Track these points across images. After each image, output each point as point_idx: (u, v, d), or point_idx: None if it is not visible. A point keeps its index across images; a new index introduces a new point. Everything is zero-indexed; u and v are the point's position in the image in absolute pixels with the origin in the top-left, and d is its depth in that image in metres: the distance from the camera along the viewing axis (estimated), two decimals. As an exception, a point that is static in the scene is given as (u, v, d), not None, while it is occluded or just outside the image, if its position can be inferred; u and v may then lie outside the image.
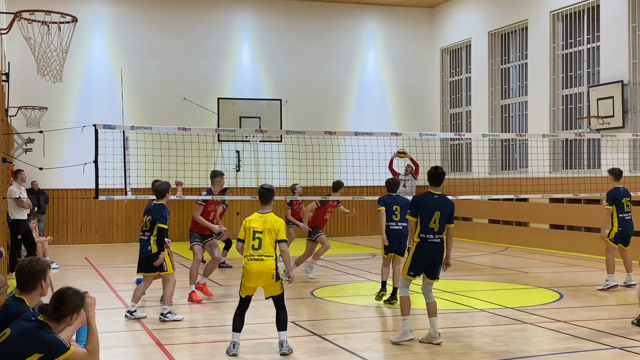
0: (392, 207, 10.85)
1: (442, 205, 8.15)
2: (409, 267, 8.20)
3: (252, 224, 7.76)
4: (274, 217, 7.80)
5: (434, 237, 8.14)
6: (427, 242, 8.13)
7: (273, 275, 7.66)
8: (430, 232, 8.12)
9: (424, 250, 8.14)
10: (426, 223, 8.11)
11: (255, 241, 7.67)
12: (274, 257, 7.69)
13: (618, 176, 12.31)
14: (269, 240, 7.69)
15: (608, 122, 16.75)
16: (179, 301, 11.05)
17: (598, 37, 17.62)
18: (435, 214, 8.09)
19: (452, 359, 7.48)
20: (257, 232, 7.70)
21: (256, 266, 7.63)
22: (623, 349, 7.82)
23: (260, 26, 22.77)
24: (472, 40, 22.09)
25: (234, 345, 7.71)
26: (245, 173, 21.57)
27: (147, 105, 21.43)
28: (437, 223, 8.12)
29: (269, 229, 7.71)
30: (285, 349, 7.66)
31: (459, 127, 23.12)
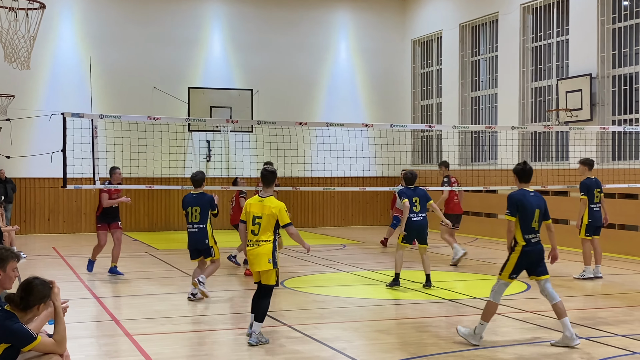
0: (412, 199, 11.24)
1: (539, 202, 7.76)
2: (511, 271, 7.70)
3: (251, 209, 7.83)
4: (274, 202, 7.83)
5: (535, 236, 7.71)
6: (531, 243, 7.67)
7: (270, 260, 7.69)
8: (532, 231, 7.68)
9: (529, 253, 7.66)
10: (528, 223, 7.65)
11: (255, 226, 7.75)
12: (271, 242, 7.74)
13: (591, 166, 12.43)
14: (268, 226, 7.73)
15: (576, 115, 16.93)
16: (142, 291, 10.98)
17: (567, 30, 17.78)
18: (535, 213, 7.68)
19: (421, 349, 7.53)
20: (256, 218, 7.77)
21: (254, 252, 7.73)
22: (589, 339, 7.93)
23: (231, 15, 22.64)
24: (443, 32, 22.18)
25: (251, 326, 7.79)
26: (215, 163, 21.47)
27: (116, 93, 21.23)
28: (537, 222, 7.71)
29: (267, 214, 7.74)
30: (252, 340, 7.65)
31: (429, 118, 23.22)
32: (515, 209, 7.63)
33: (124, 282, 12.26)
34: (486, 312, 7.69)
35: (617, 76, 16.57)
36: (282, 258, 15.23)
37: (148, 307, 9.96)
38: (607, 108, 16.66)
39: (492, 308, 7.70)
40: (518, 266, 7.69)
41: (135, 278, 12.65)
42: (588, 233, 12.26)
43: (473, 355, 7.26)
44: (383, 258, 14.54)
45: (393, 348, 7.64)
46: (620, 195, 15.60)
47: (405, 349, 7.55)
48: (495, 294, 7.74)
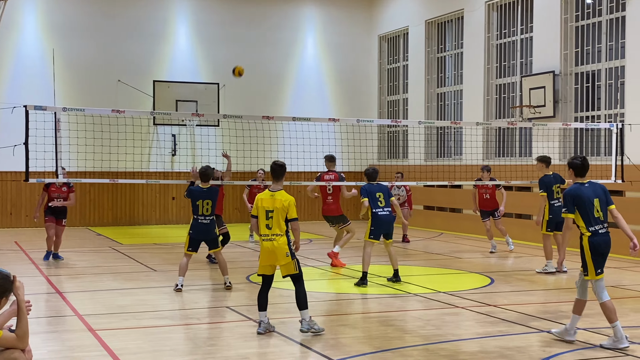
0: (376, 194, 11.26)
1: (596, 191, 7.57)
2: (594, 268, 7.39)
3: (263, 204, 7.96)
4: (285, 196, 7.97)
5: (602, 226, 7.47)
6: (598, 234, 7.44)
7: (287, 253, 7.87)
8: (597, 222, 7.46)
9: (600, 243, 7.41)
10: (590, 214, 7.45)
11: (268, 220, 7.88)
12: (285, 234, 7.89)
13: (548, 163, 12.61)
14: (280, 219, 7.87)
15: (539, 112, 17.13)
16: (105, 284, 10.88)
17: (531, 28, 17.98)
18: (595, 202, 7.49)
19: (386, 343, 7.57)
20: (269, 212, 7.91)
21: (270, 245, 7.86)
22: (551, 332, 8.04)
23: (198, 9, 22.49)
24: (409, 28, 22.27)
25: (260, 324, 7.89)
26: (181, 157, 21.32)
27: (80, 86, 20.97)
28: (601, 210, 7.49)
29: (279, 207, 7.88)
30: (304, 326, 7.78)
31: (396, 114, 23.33)
32: (572, 205, 7.48)
33: (87, 277, 12.15)
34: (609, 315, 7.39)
35: (579, 74, 16.79)
36: (249, 253, 15.23)
37: (111, 302, 9.88)
38: (569, 105, 16.88)
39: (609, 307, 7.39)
40: (597, 261, 7.38)
41: (98, 273, 12.55)
42: (549, 229, 12.46)
43: (437, 349, 7.32)
44: (349, 253, 14.59)
45: (358, 342, 7.68)
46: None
47: (370, 343, 7.59)
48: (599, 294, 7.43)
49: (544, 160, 12.60)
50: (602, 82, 16.24)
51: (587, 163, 7.74)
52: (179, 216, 21.92)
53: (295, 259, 7.99)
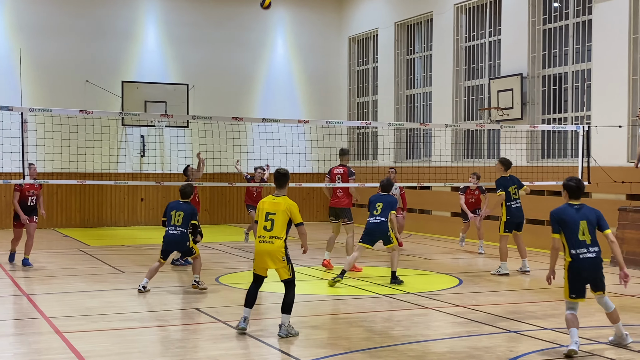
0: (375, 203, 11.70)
1: (585, 214, 7.31)
2: (569, 290, 7.28)
3: (265, 206, 7.95)
4: (288, 201, 7.97)
5: (587, 250, 7.22)
6: (579, 259, 7.22)
7: (283, 257, 7.85)
8: (581, 245, 7.21)
9: (579, 269, 7.22)
10: (574, 237, 7.21)
11: (267, 222, 7.85)
12: (284, 239, 7.85)
13: (507, 167, 12.75)
14: (282, 222, 7.84)
15: (507, 114, 17.30)
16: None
17: (499, 30, 18.15)
18: (581, 225, 7.23)
19: (355, 344, 7.59)
20: (269, 214, 7.87)
21: (266, 248, 7.84)
22: (518, 332, 8.13)
23: (167, 9, 22.36)
24: (379, 30, 22.36)
25: (244, 320, 7.91)
26: (150, 158, 21.18)
27: (47, 87, 20.74)
28: (588, 234, 7.22)
29: (282, 210, 7.86)
30: (283, 332, 7.75)
31: (365, 115, 23.40)
32: (557, 225, 7.30)
33: (54, 279, 12.02)
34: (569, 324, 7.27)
35: (546, 76, 16.99)
36: (217, 254, 15.18)
37: (79, 304, 9.79)
38: (537, 107, 17.07)
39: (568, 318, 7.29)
40: (573, 284, 7.26)
41: (66, 275, 12.42)
42: (507, 230, 12.57)
43: (406, 350, 7.36)
44: (319, 254, 14.60)
45: (327, 343, 7.69)
46: (549, 192, 16.03)
47: (339, 344, 7.61)
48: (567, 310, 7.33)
49: (504, 163, 12.77)
50: (569, 84, 16.45)
51: (582, 185, 7.51)
52: (148, 218, 21.78)
53: (290, 264, 7.97)
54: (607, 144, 14.76)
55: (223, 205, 22.66)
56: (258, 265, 8.00)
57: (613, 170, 14.35)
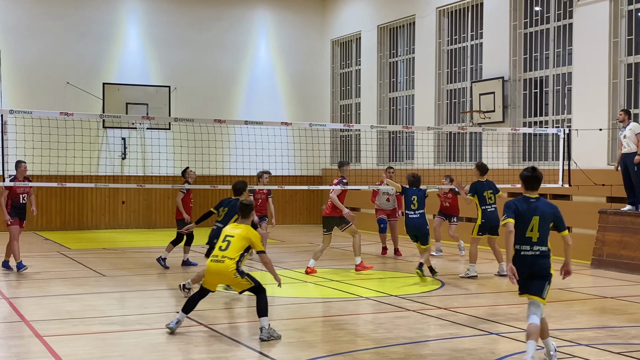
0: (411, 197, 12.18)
1: (541, 209, 6.70)
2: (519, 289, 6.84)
3: (225, 230, 8.15)
4: (250, 230, 8.08)
5: (530, 248, 6.67)
6: (520, 255, 6.68)
7: (235, 274, 7.90)
8: (526, 242, 6.67)
9: (518, 265, 6.67)
10: (521, 232, 6.67)
11: (224, 243, 7.97)
12: (235, 260, 7.90)
13: (483, 171, 12.72)
14: (238, 246, 7.92)
15: (489, 117, 17.38)
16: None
17: (481, 34, 18.24)
18: (533, 220, 6.66)
19: (337, 346, 7.59)
20: (228, 236, 8.00)
21: (215, 267, 7.94)
22: (499, 334, 8.16)
23: (148, 10, 22.26)
24: (362, 33, 22.40)
25: (176, 322, 8.04)
26: (131, 161, 21.06)
27: (27, 88, 20.58)
28: (537, 231, 6.66)
29: (241, 234, 7.98)
30: (264, 335, 7.73)
31: (348, 118, 23.42)
32: (513, 212, 6.70)
33: (35, 282, 11.92)
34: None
35: (528, 80, 17.09)
36: (199, 257, 15.12)
37: (60, 307, 9.71)
38: (518, 110, 17.17)
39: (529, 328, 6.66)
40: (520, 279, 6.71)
41: (46, 278, 12.32)
42: (480, 232, 12.59)
43: (389, 352, 7.36)
44: (301, 257, 14.60)
45: (309, 346, 7.67)
46: (530, 195, 16.09)
47: (322, 347, 7.60)
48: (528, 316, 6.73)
49: (480, 168, 12.75)
50: (550, 88, 16.55)
51: (539, 175, 6.89)
52: (129, 221, 21.66)
53: (246, 275, 7.99)
54: (588, 146, 14.86)
55: (205, 208, 22.47)
56: (207, 281, 8.11)
57: (594, 173, 14.45)
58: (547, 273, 6.71)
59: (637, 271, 12.82)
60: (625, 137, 13.44)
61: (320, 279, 12.00)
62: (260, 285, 8.05)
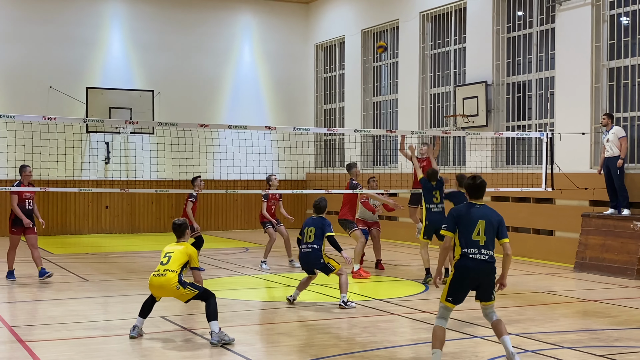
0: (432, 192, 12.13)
1: (486, 214, 6.72)
2: (447, 293, 6.69)
3: (166, 248, 8.27)
4: (189, 246, 8.24)
5: (478, 252, 6.62)
6: (468, 258, 6.63)
7: (177, 287, 7.97)
8: (473, 245, 6.62)
9: (466, 268, 6.62)
10: (468, 235, 6.64)
11: (165, 258, 8.12)
12: (177, 272, 8.00)
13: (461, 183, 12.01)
14: (178, 261, 8.05)
15: (473, 121, 17.46)
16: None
17: (464, 38, 18.32)
18: (479, 224, 6.65)
19: (322, 351, 7.59)
20: (168, 253, 8.16)
21: (157, 281, 8.07)
22: (483, 337, 8.19)
23: (131, 15, 22.19)
24: (345, 37, 22.44)
25: (134, 328, 8.10)
26: (115, 165, 20.97)
27: (10, 93, 20.45)
28: (483, 234, 6.63)
29: (181, 250, 8.14)
30: (214, 339, 7.73)
31: (332, 122, 23.44)
32: (453, 223, 6.72)
33: (17, 287, 11.83)
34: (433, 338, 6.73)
35: (511, 84, 17.18)
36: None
37: (43, 312, 9.65)
38: (501, 114, 17.25)
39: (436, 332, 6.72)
40: (454, 287, 6.66)
41: (29, 283, 12.23)
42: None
43: (373, 356, 7.37)
44: (285, 261, 14.58)
45: (294, 350, 7.67)
46: (513, 198, 16.19)
47: (306, 351, 7.60)
48: (437, 318, 6.78)
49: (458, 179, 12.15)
50: (532, 92, 16.65)
51: (477, 184, 6.83)
52: (112, 225, 21.55)
53: (188, 285, 8.04)
54: (571, 150, 14.96)
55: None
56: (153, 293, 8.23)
57: (576, 177, 14.55)
58: (492, 279, 6.76)
59: (619, 274, 12.91)
60: (609, 140, 13.54)
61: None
62: (206, 290, 8.10)
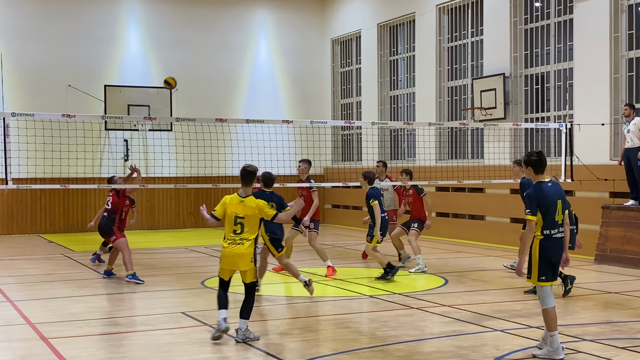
0: None
1: (559, 192, 7.08)
2: (538, 272, 6.96)
3: (233, 209, 7.82)
4: (254, 201, 7.84)
5: (558, 231, 7.00)
6: (552, 238, 6.98)
7: (252, 259, 7.77)
8: (555, 226, 6.97)
9: (552, 248, 6.97)
10: (551, 217, 6.95)
11: (237, 226, 7.77)
12: (253, 240, 7.79)
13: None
14: (251, 225, 7.77)
15: (490, 114, 17.37)
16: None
17: (481, 31, 18.22)
18: (558, 204, 6.99)
19: (342, 345, 7.59)
20: (238, 218, 7.78)
21: (237, 249, 7.72)
22: (504, 331, 8.16)
23: (149, 12, 22.27)
24: (362, 31, 22.39)
25: (224, 320, 7.70)
26: (133, 162, 21.05)
27: (29, 91, 20.59)
28: (561, 214, 7.00)
29: (249, 215, 7.77)
30: (239, 336, 7.66)
31: (349, 117, 23.41)
32: (536, 207, 6.94)
33: (39, 284, 11.94)
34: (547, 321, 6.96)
35: (529, 76, 17.07)
36: (202, 257, 15.14)
37: (64, 309, 9.73)
38: (519, 107, 17.15)
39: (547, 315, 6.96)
40: (544, 265, 6.95)
41: (50, 280, 12.34)
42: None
43: (393, 350, 7.37)
44: (304, 256, 14.60)
45: (314, 345, 7.68)
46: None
47: (326, 346, 7.61)
48: (544, 299, 6.99)
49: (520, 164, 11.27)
50: (551, 83, 16.54)
51: (544, 158, 7.23)
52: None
53: (256, 267, 7.92)
54: (590, 142, 14.85)
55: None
56: (224, 267, 7.87)
57: (596, 168, 14.44)
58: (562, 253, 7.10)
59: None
60: (629, 131, 13.42)
61: (323, 278, 12.00)
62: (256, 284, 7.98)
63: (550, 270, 7.02)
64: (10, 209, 20.51)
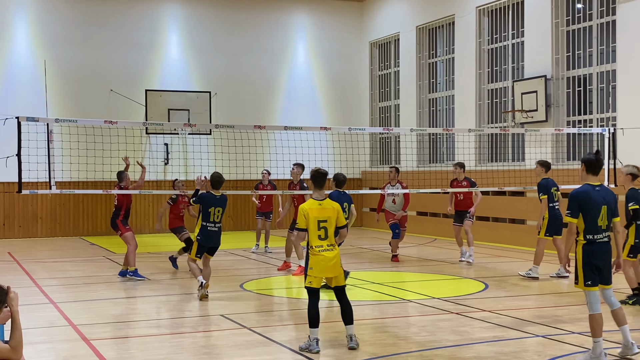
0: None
1: (607, 198, 7.03)
2: (584, 277, 6.94)
3: (314, 214, 7.64)
4: (331, 203, 7.75)
5: (602, 236, 6.98)
6: (595, 243, 6.95)
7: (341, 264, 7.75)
8: (598, 231, 6.94)
9: (595, 253, 6.93)
10: (594, 221, 6.92)
11: (321, 231, 7.60)
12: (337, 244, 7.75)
13: (548, 168, 12.50)
14: (332, 229, 7.68)
15: (532, 116, 17.18)
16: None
17: (522, 32, 18.04)
18: (602, 209, 6.95)
19: (380, 349, 7.56)
20: (321, 222, 7.62)
21: (330, 255, 7.59)
22: (546, 337, 8.05)
23: (188, 17, 22.50)
24: (400, 34, 22.33)
25: (317, 342, 7.46)
26: (173, 167, 21.29)
27: (72, 97, 20.94)
28: (605, 220, 6.99)
29: (330, 216, 7.65)
30: (353, 343, 7.56)
31: (387, 120, 23.36)
32: (577, 209, 6.92)
33: (81, 286, 12.11)
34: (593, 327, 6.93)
35: (571, 78, 16.85)
36: (241, 261, 15.21)
37: (106, 311, 9.85)
38: (561, 109, 16.94)
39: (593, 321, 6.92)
40: (588, 270, 6.91)
41: (92, 282, 12.51)
42: (547, 233, 12.36)
43: (432, 355, 7.31)
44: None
45: (352, 349, 7.65)
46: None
47: (365, 350, 7.58)
48: (592, 305, 6.95)
49: (544, 165, 12.47)
50: (593, 86, 16.30)
51: (601, 159, 7.11)
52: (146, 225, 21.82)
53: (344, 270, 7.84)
54: (634, 145, 14.59)
55: (246, 212, 22.71)
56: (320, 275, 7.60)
57: (640, 172, 14.15)
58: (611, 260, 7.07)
59: (686, 271, 12.51)
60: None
61: (361, 282, 11.97)
62: None
63: (597, 275, 6.95)
64: (53, 212, 20.86)
